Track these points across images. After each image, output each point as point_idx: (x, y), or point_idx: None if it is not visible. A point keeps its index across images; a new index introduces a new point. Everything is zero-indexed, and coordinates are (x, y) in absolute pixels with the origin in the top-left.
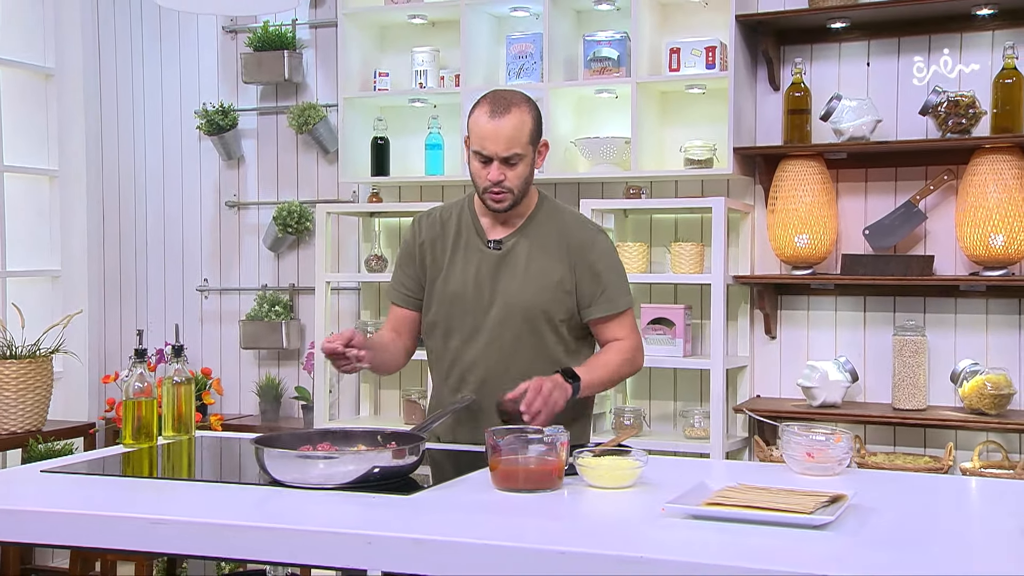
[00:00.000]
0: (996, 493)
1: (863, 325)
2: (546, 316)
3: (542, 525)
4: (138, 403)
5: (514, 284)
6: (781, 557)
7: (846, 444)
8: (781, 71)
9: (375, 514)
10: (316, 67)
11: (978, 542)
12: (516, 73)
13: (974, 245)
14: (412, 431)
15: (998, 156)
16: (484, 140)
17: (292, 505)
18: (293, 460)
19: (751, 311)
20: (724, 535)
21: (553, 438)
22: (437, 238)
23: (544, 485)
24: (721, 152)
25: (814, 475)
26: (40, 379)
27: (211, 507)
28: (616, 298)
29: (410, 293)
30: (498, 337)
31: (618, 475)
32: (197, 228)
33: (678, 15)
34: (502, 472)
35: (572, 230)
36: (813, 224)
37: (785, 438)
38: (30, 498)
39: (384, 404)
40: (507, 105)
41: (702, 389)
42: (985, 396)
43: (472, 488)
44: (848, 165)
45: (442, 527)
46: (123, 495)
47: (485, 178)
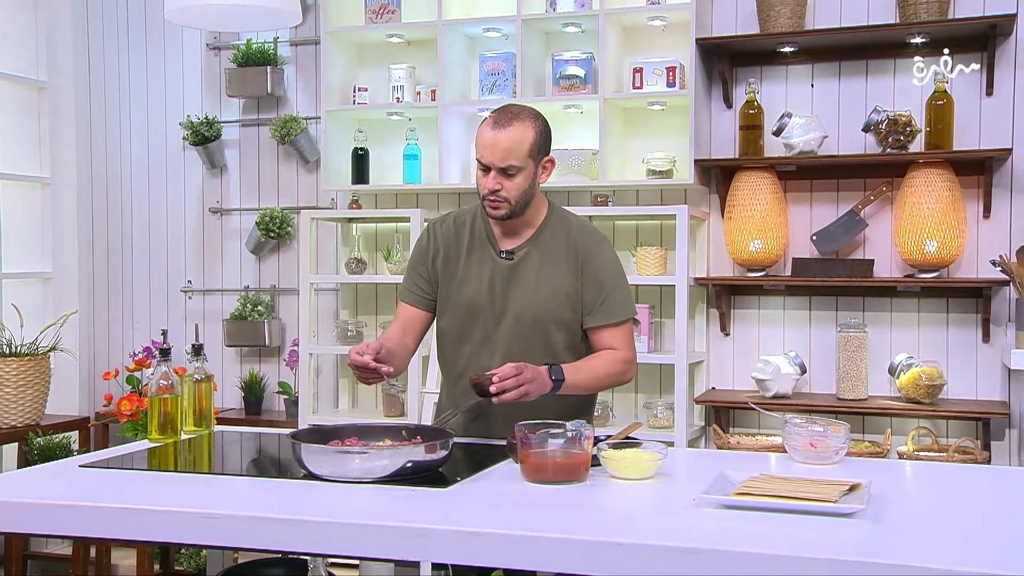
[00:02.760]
0: (990, 479)
1: (808, 323)
2: (556, 324)
3: (583, 517)
4: (163, 400)
5: (525, 294)
6: (826, 545)
7: (844, 435)
8: (734, 90)
9: (421, 507)
10: (296, 82)
11: (1000, 528)
12: (489, 89)
13: (910, 250)
14: (433, 426)
15: (931, 170)
16: (484, 149)
17: (336, 498)
18: (332, 455)
19: (707, 310)
20: (759, 524)
21: (579, 432)
22: (451, 245)
23: (572, 477)
24: (681, 163)
25: (814, 464)
26: (38, 376)
27: (258, 501)
28: (615, 308)
29: (424, 295)
30: (510, 345)
31: (641, 467)
32: (181, 232)
33: (640, 38)
34: (532, 465)
35: (579, 240)
36: (766, 230)
37: (788, 430)
38: (85, 493)
39: (362, 398)
40: (510, 118)
41: (662, 382)
42: (920, 387)
43: (501, 481)
44: (796, 177)
45: (489, 519)
46: (170, 490)
47: (483, 186)
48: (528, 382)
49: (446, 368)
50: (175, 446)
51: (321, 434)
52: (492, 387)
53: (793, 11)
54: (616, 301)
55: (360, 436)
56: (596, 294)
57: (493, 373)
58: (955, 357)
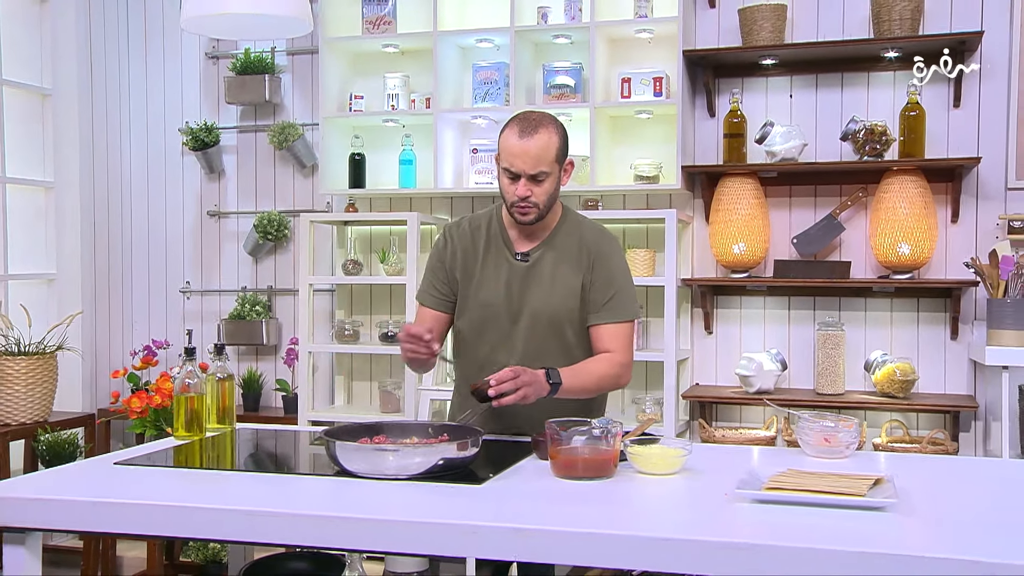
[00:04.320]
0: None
1: (788, 321)
2: (570, 323)
3: (624, 513)
4: (190, 398)
5: (540, 294)
6: (867, 538)
7: (855, 430)
8: (717, 100)
9: (463, 504)
10: (293, 89)
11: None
12: (482, 97)
13: (884, 253)
14: (459, 423)
15: (905, 177)
16: (513, 158)
17: (376, 495)
18: (369, 453)
19: (692, 309)
20: (795, 518)
21: (608, 429)
22: (468, 247)
23: (601, 473)
24: (667, 169)
25: (826, 458)
26: (46, 374)
27: (299, 498)
28: (619, 307)
29: (444, 296)
30: (526, 343)
31: (668, 462)
32: (180, 235)
33: (627, 49)
34: (563, 461)
35: (591, 241)
36: (749, 234)
37: (801, 425)
38: (134, 492)
39: (356, 395)
40: (535, 126)
41: (647, 378)
42: (895, 382)
43: (530, 477)
44: (777, 183)
45: (533, 516)
46: (212, 487)
47: (513, 193)
48: (525, 385)
49: (464, 365)
50: (202, 443)
51: (351, 432)
52: (490, 391)
53: (774, 25)
54: (621, 301)
55: (388, 434)
56: (603, 293)
57: (491, 378)
58: (925, 353)
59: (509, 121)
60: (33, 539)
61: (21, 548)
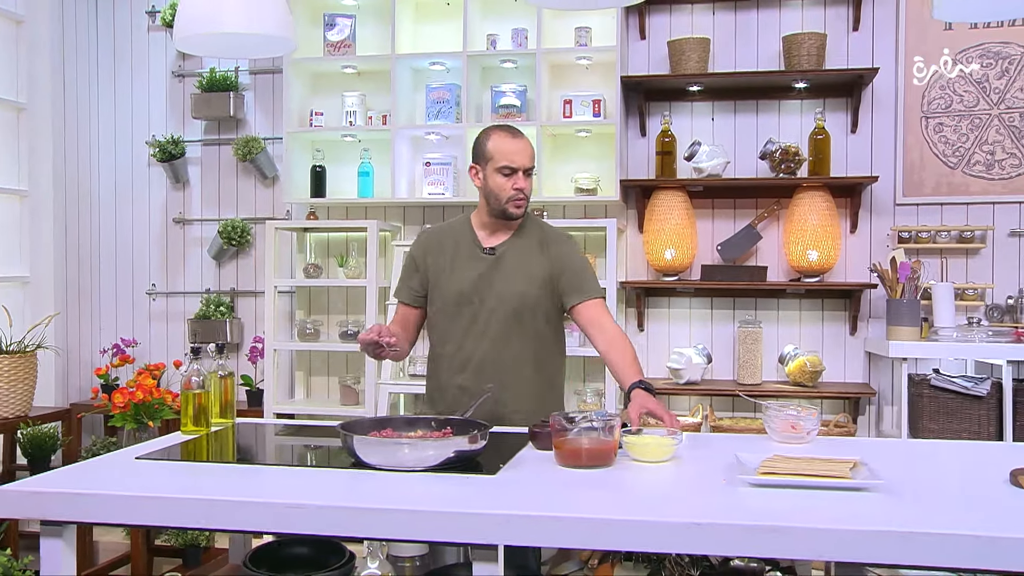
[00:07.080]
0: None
1: (711, 320)
2: (531, 308)
3: (637, 500)
4: (197, 395)
5: (506, 282)
6: (866, 516)
7: (817, 418)
8: (648, 121)
9: (485, 493)
10: (255, 106)
11: (985, 494)
12: (435, 115)
13: (796, 258)
14: (459, 417)
15: (814, 192)
16: (513, 155)
17: (395, 486)
18: (386, 445)
19: (626, 309)
20: (795, 500)
21: (608, 422)
22: (440, 246)
23: (603, 462)
24: (605, 183)
25: (793, 443)
26: (27, 371)
27: (331, 490)
28: (594, 286)
29: (419, 294)
30: (492, 327)
31: (662, 450)
32: (147, 241)
33: (568, 74)
34: (568, 451)
35: (553, 238)
36: (679, 241)
37: (769, 414)
38: (159, 484)
39: (315, 389)
40: (517, 130)
41: (586, 372)
42: (806, 372)
43: (536, 466)
44: (702, 196)
45: (557, 504)
46: (244, 481)
47: (511, 188)
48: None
49: (437, 350)
50: (207, 437)
51: (362, 425)
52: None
53: (700, 56)
54: (592, 281)
55: (395, 428)
56: (576, 276)
57: (667, 428)
58: (828, 347)
59: (490, 131)
60: (69, 532)
61: (59, 540)
